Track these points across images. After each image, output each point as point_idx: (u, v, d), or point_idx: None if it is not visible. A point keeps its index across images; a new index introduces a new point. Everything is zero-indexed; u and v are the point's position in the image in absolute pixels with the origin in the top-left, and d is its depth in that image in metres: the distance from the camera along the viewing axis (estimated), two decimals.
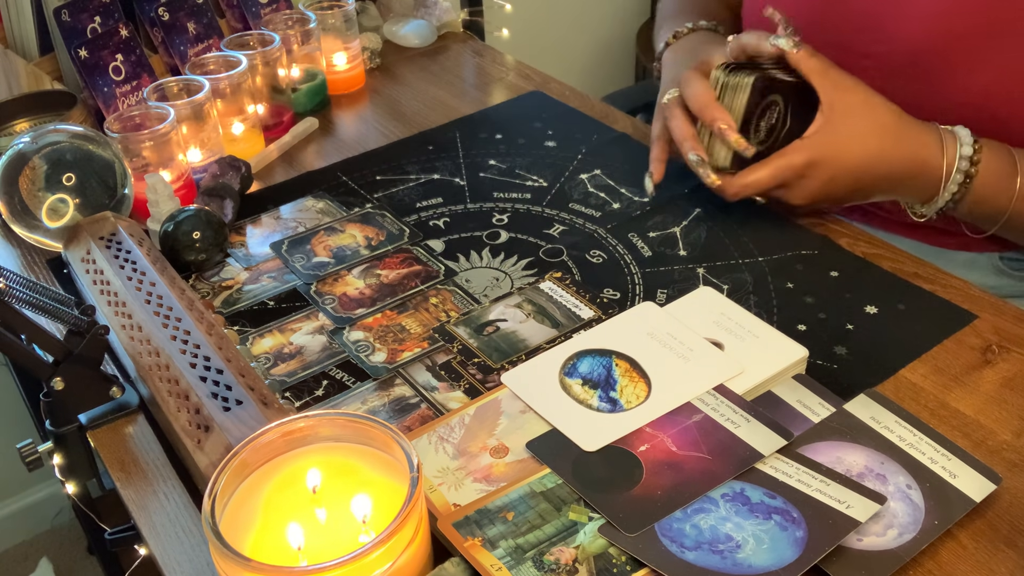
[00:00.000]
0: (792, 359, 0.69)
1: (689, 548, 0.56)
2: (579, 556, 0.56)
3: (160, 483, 0.66)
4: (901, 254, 0.82)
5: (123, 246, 0.79)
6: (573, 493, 0.60)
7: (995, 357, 0.71)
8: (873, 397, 0.66)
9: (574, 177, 0.96)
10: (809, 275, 0.81)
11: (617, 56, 2.31)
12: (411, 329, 0.76)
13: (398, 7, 1.29)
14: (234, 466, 0.54)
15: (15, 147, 0.82)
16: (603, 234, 0.87)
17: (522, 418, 0.66)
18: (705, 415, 0.64)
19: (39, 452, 0.72)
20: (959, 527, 0.59)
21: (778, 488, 0.59)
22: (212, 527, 0.50)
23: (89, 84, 0.96)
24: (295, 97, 1.08)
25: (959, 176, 0.79)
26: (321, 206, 0.93)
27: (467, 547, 0.57)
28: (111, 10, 1.01)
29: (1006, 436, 0.65)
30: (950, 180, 0.79)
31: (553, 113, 1.08)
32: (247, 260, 0.86)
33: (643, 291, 0.80)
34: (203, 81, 0.95)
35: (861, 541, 0.57)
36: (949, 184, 0.79)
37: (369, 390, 0.71)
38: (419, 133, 1.06)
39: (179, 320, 0.70)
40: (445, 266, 0.84)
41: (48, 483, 1.74)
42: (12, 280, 0.67)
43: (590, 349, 0.71)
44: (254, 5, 1.11)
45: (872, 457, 0.62)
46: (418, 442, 0.65)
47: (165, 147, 0.90)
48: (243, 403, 0.63)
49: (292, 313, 0.79)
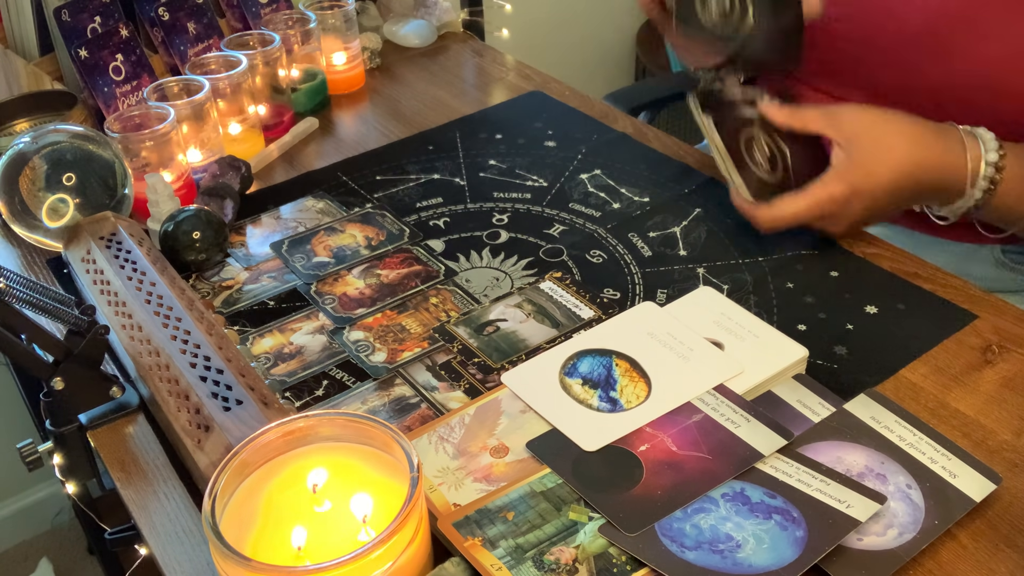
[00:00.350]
0: (792, 359, 0.69)
1: (689, 548, 0.56)
2: (579, 556, 0.56)
3: (160, 483, 0.66)
4: (901, 254, 0.82)
5: (123, 246, 0.79)
6: (573, 493, 0.60)
7: (995, 357, 0.71)
8: (873, 397, 0.66)
9: (574, 177, 0.96)
10: (809, 275, 0.81)
11: (617, 56, 2.31)
12: (411, 329, 0.76)
13: (398, 7, 1.29)
14: (234, 466, 0.54)
15: (15, 147, 0.82)
16: (603, 234, 0.87)
17: (522, 418, 0.66)
18: (705, 415, 0.64)
19: (39, 452, 0.72)
20: (959, 527, 0.59)
21: (778, 488, 0.59)
22: (212, 527, 0.50)
23: (89, 84, 0.96)
24: (295, 97, 1.08)
25: (984, 183, 0.78)
26: (321, 206, 0.93)
27: (467, 547, 0.57)
28: (111, 10, 1.01)
29: (1006, 436, 0.65)
30: (975, 186, 0.79)
31: (553, 113, 1.08)
32: (247, 260, 0.86)
33: (643, 291, 0.80)
34: (203, 81, 0.95)
35: (861, 541, 0.57)
36: (974, 190, 0.79)
37: (369, 390, 0.71)
38: (419, 133, 1.06)
39: (179, 320, 0.70)
40: (445, 266, 0.84)
41: (48, 483, 1.73)
42: (12, 280, 0.67)
43: (590, 349, 0.71)
44: (254, 5, 1.11)
45: (872, 457, 0.62)
46: (418, 442, 0.65)
47: (165, 147, 0.90)
48: (243, 403, 0.63)
49: (292, 313, 0.79)
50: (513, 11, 1.33)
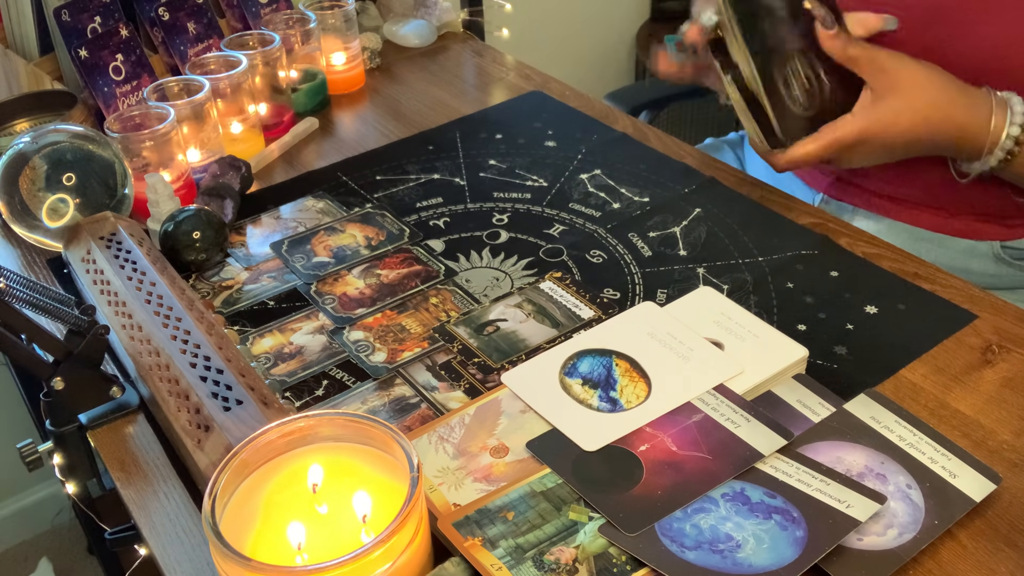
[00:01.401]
0: (792, 359, 0.69)
1: (689, 548, 0.56)
2: (579, 556, 0.56)
3: (160, 483, 0.66)
4: (901, 254, 0.82)
5: (123, 246, 0.79)
6: (573, 493, 0.60)
7: (995, 357, 0.71)
8: (873, 397, 0.66)
9: (574, 177, 0.96)
10: (809, 275, 0.81)
11: (617, 56, 2.31)
12: (411, 329, 0.76)
13: (398, 7, 1.29)
14: (234, 466, 0.54)
15: (15, 147, 0.82)
16: (603, 234, 0.87)
17: (522, 418, 0.66)
18: (705, 415, 0.64)
19: (39, 452, 0.72)
20: (959, 527, 0.59)
21: (778, 488, 0.59)
22: (212, 527, 0.50)
23: (89, 84, 0.96)
24: (295, 97, 1.08)
25: (1000, 153, 0.81)
26: (321, 206, 0.93)
27: (467, 547, 0.57)
28: (111, 10, 1.01)
29: (1006, 436, 0.65)
30: (992, 155, 0.81)
31: (553, 113, 1.08)
32: (247, 260, 0.86)
33: (643, 291, 0.80)
34: (203, 81, 0.95)
35: (861, 541, 0.57)
36: (991, 157, 0.81)
37: (369, 390, 0.71)
38: (419, 133, 1.06)
39: (179, 320, 0.70)
40: (445, 266, 0.84)
41: (48, 483, 1.73)
42: (12, 280, 0.67)
43: (590, 349, 0.71)
44: (254, 5, 1.11)
45: (872, 457, 0.62)
46: (418, 442, 0.65)
47: (165, 147, 0.90)
48: (243, 403, 0.63)
49: (292, 313, 0.79)
50: (513, 11, 1.33)
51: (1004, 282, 0.95)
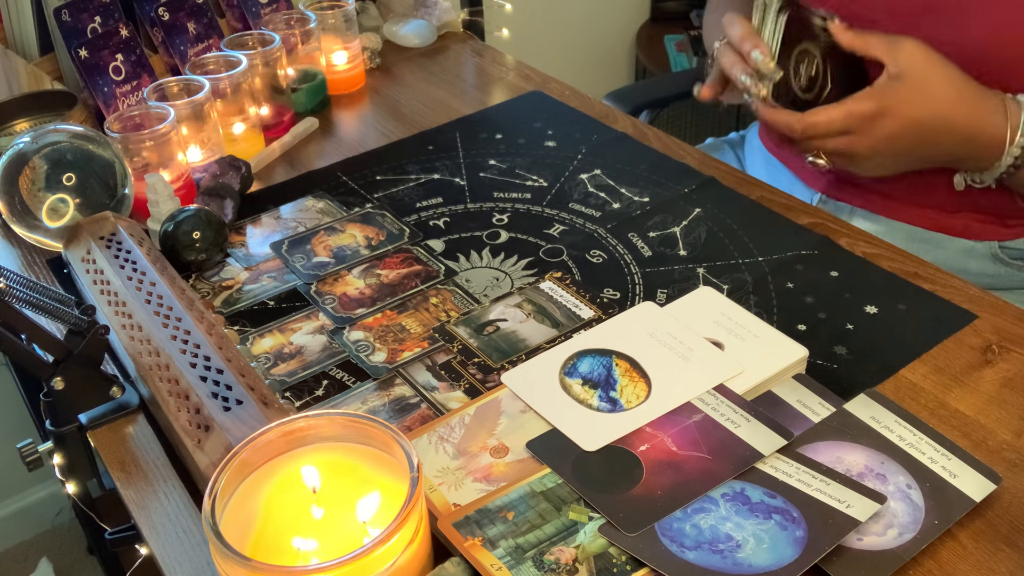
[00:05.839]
0: (792, 359, 0.69)
1: (689, 548, 0.56)
2: (579, 556, 0.56)
3: (160, 483, 0.66)
4: (901, 254, 0.82)
5: (123, 246, 0.79)
6: (573, 493, 0.60)
7: (995, 357, 0.71)
8: (873, 397, 0.66)
9: (574, 177, 0.96)
10: (809, 275, 0.81)
11: (617, 56, 2.31)
12: (411, 329, 0.76)
13: (398, 7, 1.29)
14: (234, 466, 0.54)
15: (15, 147, 0.82)
16: (603, 234, 0.87)
17: (522, 418, 0.66)
18: (705, 415, 0.64)
19: (39, 452, 0.72)
20: (959, 527, 0.59)
21: (778, 488, 0.59)
22: (212, 527, 0.50)
23: (89, 84, 0.96)
24: (295, 97, 1.08)
25: (1016, 150, 0.80)
26: (321, 206, 0.93)
27: (467, 547, 0.57)
28: (111, 10, 1.01)
29: (1006, 436, 0.65)
30: (1012, 147, 0.80)
31: (553, 113, 1.08)
32: (247, 260, 0.86)
33: (643, 291, 0.80)
34: (203, 81, 0.95)
35: (861, 541, 0.57)
36: (1012, 148, 0.81)
37: (369, 390, 0.71)
38: (419, 133, 1.06)
39: (179, 320, 0.70)
40: (445, 266, 0.84)
41: (48, 483, 1.73)
42: (12, 280, 0.67)
43: (590, 349, 0.71)
44: (254, 5, 1.11)
45: (872, 457, 0.62)
46: (418, 442, 0.65)
47: (165, 147, 0.90)
48: (243, 403, 0.63)
49: (292, 313, 0.79)
50: (513, 11, 1.33)
51: (1002, 282, 0.95)
